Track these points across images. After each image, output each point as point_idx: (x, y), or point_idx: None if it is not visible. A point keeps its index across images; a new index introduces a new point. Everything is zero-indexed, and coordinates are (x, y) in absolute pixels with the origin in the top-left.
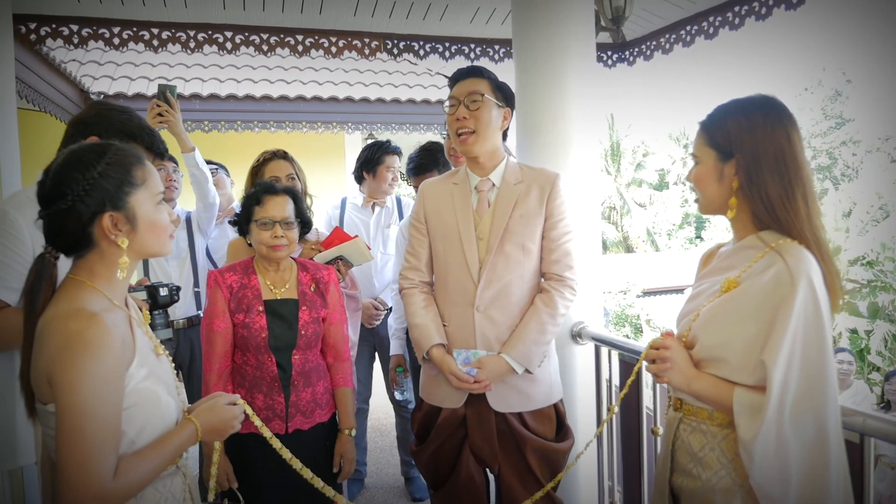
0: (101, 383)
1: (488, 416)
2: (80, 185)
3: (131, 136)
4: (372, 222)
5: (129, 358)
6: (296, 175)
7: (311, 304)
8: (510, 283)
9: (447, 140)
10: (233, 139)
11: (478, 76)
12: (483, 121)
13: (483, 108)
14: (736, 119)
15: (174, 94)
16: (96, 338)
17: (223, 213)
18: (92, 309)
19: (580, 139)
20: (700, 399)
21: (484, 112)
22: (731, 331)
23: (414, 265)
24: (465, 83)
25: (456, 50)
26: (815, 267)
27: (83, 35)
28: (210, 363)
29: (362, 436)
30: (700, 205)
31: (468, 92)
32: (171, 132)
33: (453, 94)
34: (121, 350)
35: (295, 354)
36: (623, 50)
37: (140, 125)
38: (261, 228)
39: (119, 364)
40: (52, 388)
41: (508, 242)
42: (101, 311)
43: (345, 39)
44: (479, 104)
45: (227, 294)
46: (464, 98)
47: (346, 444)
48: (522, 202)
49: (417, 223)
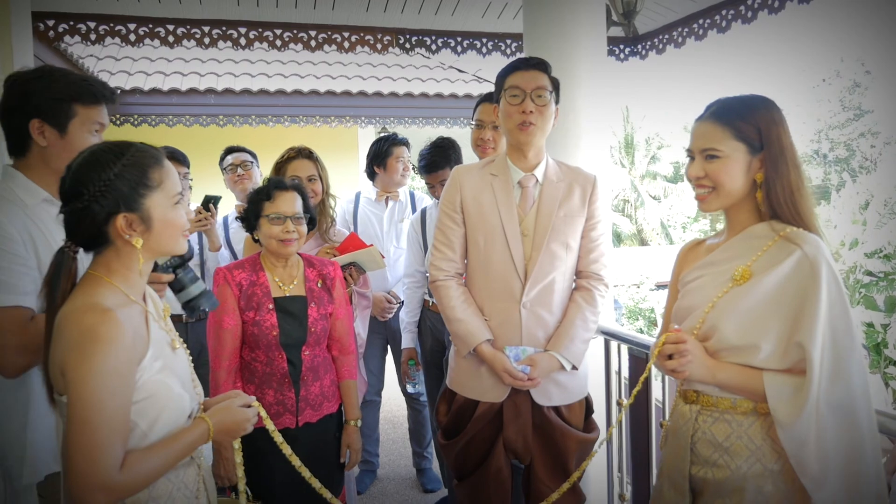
0: (110, 377)
1: (525, 409)
2: (96, 186)
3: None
4: (385, 216)
5: (142, 352)
6: (318, 176)
7: (318, 300)
8: (554, 280)
9: (475, 129)
10: (247, 134)
11: (543, 70)
12: (545, 117)
13: (548, 105)
14: (762, 114)
15: (217, 204)
16: (108, 333)
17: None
18: (106, 304)
19: (590, 134)
20: (726, 389)
21: (548, 108)
22: (758, 318)
23: (448, 256)
24: (531, 75)
25: (468, 44)
26: (827, 250)
27: (100, 32)
28: (220, 360)
29: (374, 427)
30: (714, 200)
31: (536, 86)
32: (207, 234)
33: (517, 83)
34: (132, 345)
35: (305, 350)
36: (635, 44)
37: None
38: (272, 223)
39: (130, 358)
40: (64, 379)
41: (554, 241)
42: (116, 307)
43: (357, 35)
44: (544, 100)
45: (237, 291)
46: (531, 91)
47: (353, 435)
48: (566, 201)
49: (452, 212)
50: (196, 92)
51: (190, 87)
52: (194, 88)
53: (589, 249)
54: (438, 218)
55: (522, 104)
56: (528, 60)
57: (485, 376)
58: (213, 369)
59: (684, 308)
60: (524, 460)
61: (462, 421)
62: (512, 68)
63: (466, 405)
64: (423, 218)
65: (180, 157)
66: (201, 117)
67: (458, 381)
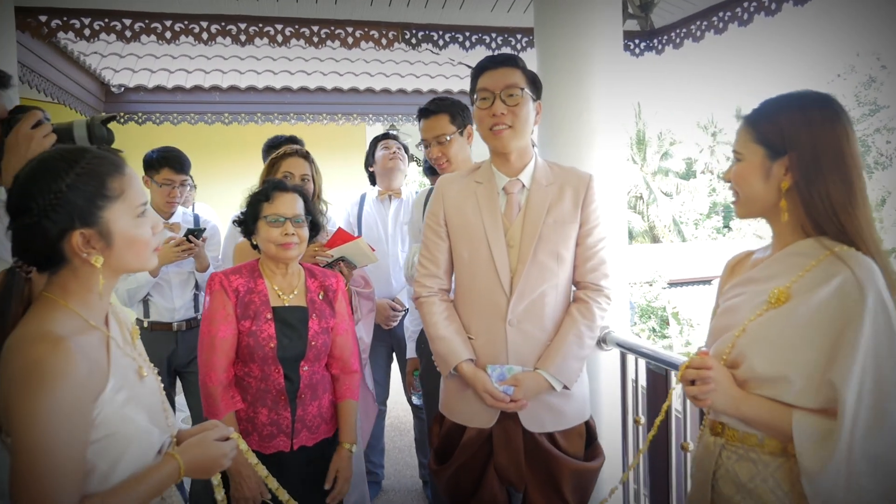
0: (58, 417)
1: (516, 435)
2: (47, 199)
3: None
4: (390, 217)
5: (101, 384)
6: (311, 177)
7: (320, 312)
8: (544, 294)
9: (427, 149)
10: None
11: (512, 66)
12: (521, 117)
13: (521, 103)
14: (790, 114)
15: (199, 236)
16: (57, 366)
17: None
18: (59, 332)
19: (605, 133)
20: (750, 424)
21: (522, 107)
22: (790, 348)
23: (432, 272)
24: (499, 73)
25: (477, 39)
26: (881, 277)
27: (95, 28)
28: (215, 373)
29: (380, 437)
30: (738, 206)
31: (505, 84)
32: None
33: (485, 85)
34: (88, 378)
35: (303, 366)
36: (651, 38)
37: None
38: (270, 226)
39: (84, 394)
40: (7, 419)
41: (542, 251)
42: (71, 335)
43: (361, 30)
44: (517, 98)
45: (234, 298)
46: (500, 91)
47: (345, 460)
48: (556, 206)
49: (435, 224)
50: (201, 89)
51: (195, 85)
52: (199, 86)
53: (586, 258)
54: (424, 232)
55: (492, 107)
56: (495, 58)
57: (472, 400)
58: (205, 385)
59: (718, 328)
60: (519, 487)
61: (451, 446)
62: (479, 69)
63: (455, 430)
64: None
65: (180, 164)
66: (206, 115)
67: (446, 405)
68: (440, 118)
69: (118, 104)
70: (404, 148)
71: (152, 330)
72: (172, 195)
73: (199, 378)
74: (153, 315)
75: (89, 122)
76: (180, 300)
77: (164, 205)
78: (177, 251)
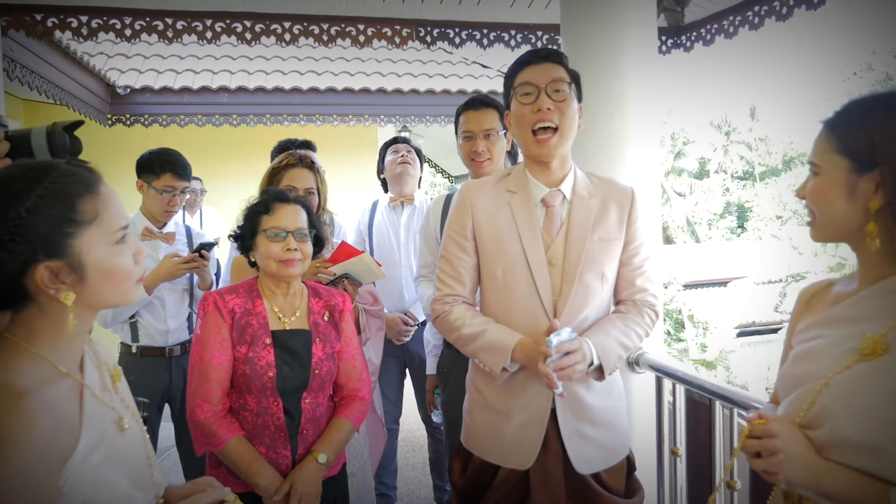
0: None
1: (557, 473)
2: (3, 227)
3: None
4: (402, 225)
5: (70, 446)
6: (316, 189)
7: (324, 336)
8: (586, 319)
9: (464, 143)
10: (262, 133)
11: (557, 61)
12: (569, 117)
13: (569, 101)
14: (882, 119)
15: (210, 250)
16: (13, 430)
17: None
18: (19, 385)
19: (639, 133)
20: (835, 500)
21: (570, 105)
22: (886, 410)
23: (456, 290)
24: (543, 68)
25: (495, 37)
26: None
27: (92, 26)
28: (209, 405)
29: (392, 458)
30: (814, 229)
31: (551, 79)
32: (198, 273)
33: (528, 79)
34: (51, 441)
35: (306, 398)
36: (679, 34)
37: None
38: (270, 240)
39: (47, 461)
40: None
41: (588, 271)
42: (35, 386)
43: (373, 27)
44: (564, 95)
45: (229, 320)
46: (545, 85)
47: (308, 474)
48: (601, 222)
49: (460, 237)
50: (208, 90)
51: (202, 86)
52: (206, 86)
53: (631, 278)
54: (444, 245)
55: (537, 101)
56: (538, 52)
57: (508, 436)
58: (194, 418)
59: (793, 377)
60: None
61: (480, 487)
62: (520, 64)
63: (485, 468)
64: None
65: (184, 170)
66: (214, 116)
67: (474, 441)
68: (490, 112)
69: (124, 105)
70: (416, 151)
71: (143, 356)
72: (173, 203)
73: (186, 411)
74: (143, 339)
75: (49, 128)
76: (174, 321)
77: (161, 214)
78: (184, 267)
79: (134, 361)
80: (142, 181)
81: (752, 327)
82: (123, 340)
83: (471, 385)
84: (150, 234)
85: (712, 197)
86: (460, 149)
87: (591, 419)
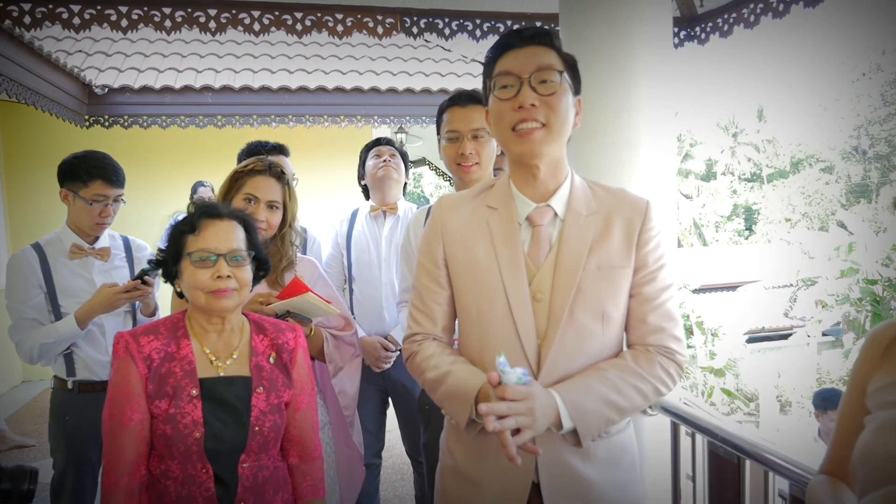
0: None
1: None
2: None
3: None
4: (384, 237)
5: None
6: (282, 203)
7: (270, 383)
8: (582, 367)
9: (448, 145)
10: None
11: (545, 44)
12: (559, 112)
13: (559, 94)
14: None
15: (153, 275)
16: None
17: None
18: None
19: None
20: None
21: (561, 100)
22: None
23: (426, 328)
24: (528, 53)
25: (489, 28)
26: None
27: (85, 17)
28: (115, 474)
29: (374, 496)
30: None
31: (537, 66)
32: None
33: (508, 67)
34: None
35: (243, 461)
36: (693, 25)
37: None
38: (197, 266)
39: None
40: None
41: (581, 307)
42: None
43: (353, 17)
44: (553, 86)
45: (144, 369)
46: (529, 75)
47: None
48: (600, 246)
49: (432, 266)
50: (191, 90)
51: (185, 85)
52: (189, 86)
53: (643, 314)
54: (416, 274)
55: (518, 96)
56: (521, 32)
57: (487, 500)
58: (104, 486)
59: (877, 455)
60: None
61: None
62: (499, 48)
63: None
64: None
65: (116, 175)
66: (197, 117)
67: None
68: (478, 109)
69: (102, 106)
70: (401, 155)
71: (80, 391)
72: (105, 214)
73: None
74: (81, 372)
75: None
76: None
77: (91, 227)
78: (125, 297)
79: (70, 399)
80: (66, 190)
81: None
82: (58, 374)
83: (443, 444)
84: (80, 251)
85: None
86: (443, 151)
87: (589, 498)
